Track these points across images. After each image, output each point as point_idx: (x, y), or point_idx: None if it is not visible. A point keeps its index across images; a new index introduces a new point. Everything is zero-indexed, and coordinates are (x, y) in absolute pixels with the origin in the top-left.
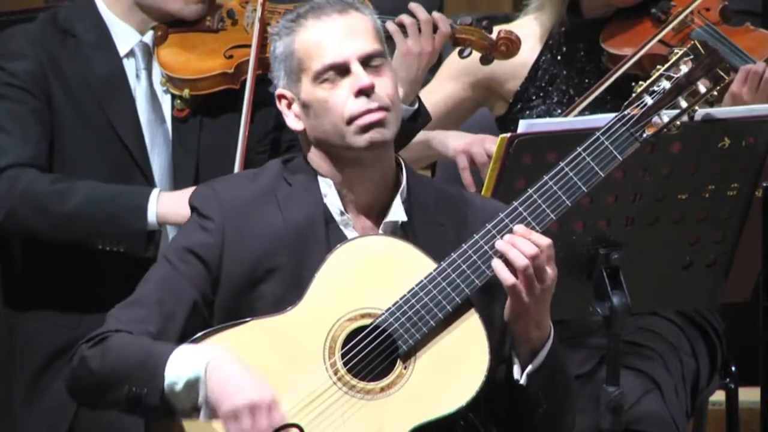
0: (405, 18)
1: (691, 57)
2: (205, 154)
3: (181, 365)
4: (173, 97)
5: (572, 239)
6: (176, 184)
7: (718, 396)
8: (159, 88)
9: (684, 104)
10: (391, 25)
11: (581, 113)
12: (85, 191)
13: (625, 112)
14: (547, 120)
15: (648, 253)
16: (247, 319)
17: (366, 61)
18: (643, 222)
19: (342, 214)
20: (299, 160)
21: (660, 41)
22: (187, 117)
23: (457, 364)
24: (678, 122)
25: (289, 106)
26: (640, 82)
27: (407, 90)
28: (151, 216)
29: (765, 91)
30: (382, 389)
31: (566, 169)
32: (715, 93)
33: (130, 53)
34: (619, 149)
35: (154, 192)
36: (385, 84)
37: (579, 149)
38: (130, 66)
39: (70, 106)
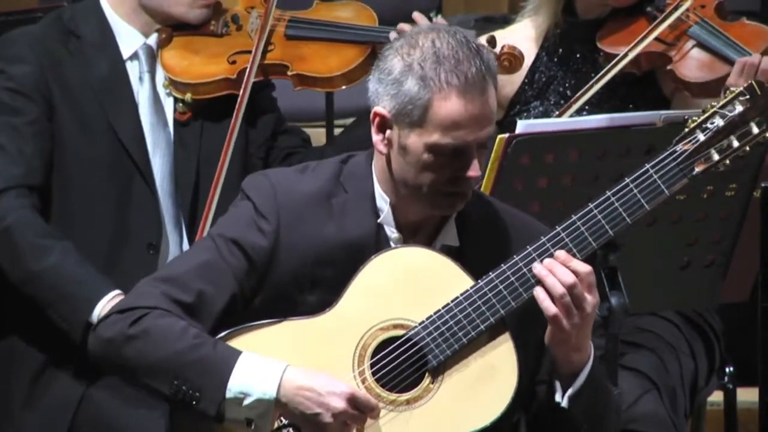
0: (406, 27)
1: (747, 97)
2: (206, 158)
3: (249, 378)
4: (175, 100)
5: None
6: (177, 187)
7: (717, 396)
8: (162, 91)
9: (735, 144)
10: (392, 35)
11: (579, 112)
12: (56, 260)
13: (676, 147)
14: (546, 120)
15: (646, 254)
16: (279, 319)
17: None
18: (642, 222)
19: (396, 232)
20: (359, 161)
21: (656, 39)
22: (188, 120)
23: (485, 384)
24: (728, 161)
25: (382, 127)
26: (694, 118)
27: None
28: (96, 313)
29: None
30: (408, 402)
31: (612, 198)
32: None
33: (134, 56)
34: (667, 184)
35: (113, 293)
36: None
37: (627, 180)
38: (133, 68)
39: (71, 108)
